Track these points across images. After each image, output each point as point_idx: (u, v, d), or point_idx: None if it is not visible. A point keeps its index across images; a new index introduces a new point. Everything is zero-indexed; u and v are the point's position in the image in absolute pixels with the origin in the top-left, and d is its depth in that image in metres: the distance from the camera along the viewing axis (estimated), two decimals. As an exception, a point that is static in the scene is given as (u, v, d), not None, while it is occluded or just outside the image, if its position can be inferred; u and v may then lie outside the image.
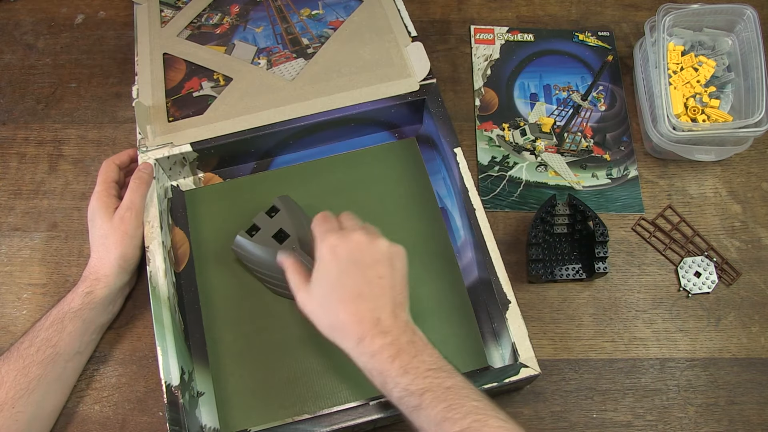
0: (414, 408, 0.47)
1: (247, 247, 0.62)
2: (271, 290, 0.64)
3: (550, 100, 0.78)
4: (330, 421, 0.54)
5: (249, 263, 0.63)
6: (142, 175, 0.64)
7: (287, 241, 0.61)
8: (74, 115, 0.78)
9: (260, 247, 0.61)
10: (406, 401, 0.47)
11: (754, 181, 0.74)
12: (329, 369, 0.61)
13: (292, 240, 0.61)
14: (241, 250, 0.63)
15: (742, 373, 0.64)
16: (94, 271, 0.60)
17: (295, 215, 0.64)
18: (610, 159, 0.75)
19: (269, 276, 0.62)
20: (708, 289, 0.68)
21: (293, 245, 0.60)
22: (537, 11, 0.85)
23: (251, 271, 0.64)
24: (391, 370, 0.48)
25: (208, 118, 0.69)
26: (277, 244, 0.61)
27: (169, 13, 0.78)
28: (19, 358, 0.56)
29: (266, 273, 0.62)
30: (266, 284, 0.64)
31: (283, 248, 0.60)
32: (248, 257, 0.63)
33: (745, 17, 0.74)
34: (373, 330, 0.50)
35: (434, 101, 0.68)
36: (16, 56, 0.82)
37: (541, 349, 0.65)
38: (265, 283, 0.64)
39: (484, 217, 0.62)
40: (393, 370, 0.48)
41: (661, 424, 0.62)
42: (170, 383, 0.55)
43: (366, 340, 0.49)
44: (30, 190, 0.73)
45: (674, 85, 0.74)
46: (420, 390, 0.47)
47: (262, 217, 0.63)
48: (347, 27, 0.75)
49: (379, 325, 0.50)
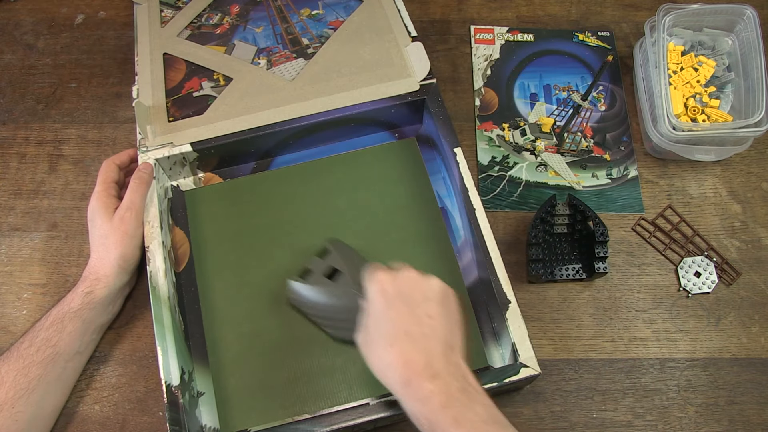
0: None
1: (301, 291, 0.60)
2: (330, 335, 0.61)
3: (550, 100, 0.78)
4: (330, 421, 0.54)
5: (304, 308, 0.61)
6: (142, 175, 0.64)
7: (341, 278, 0.59)
8: (74, 115, 0.78)
9: (314, 289, 0.60)
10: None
11: (754, 181, 0.74)
12: (329, 369, 0.61)
13: (345, 276, 0.59)
14: (295, 295, 0.61)
15: (742, 373, 0.64)
16: (94, 271, 0.60)
17: (347, 254, 0.62)
18: (610, 159, 0.75)
19: (326, 318, 0.60)
20: (708, 289, 0.68)
21: (347, 281, 0.58)
22: (537, 11, 0.85)
23: (308, 316, 0.62)
24: (443, 420, 0.45)
25: (208, 118, 0.69)
26: (330, 282, 0.59)
27: (169, 13, 0.78)
28: (19, 358, 0.56)
29: (323, 315, 0.61)
30: (324, 328, 0.61)
31: (336, 285, 0.58)
32: (302, 301, 0.61)
33: (745, 17, 0.74)
34: (422, 373, 0.46)
35: (434, 101, 0.68)
36: (16, 56, 0.82)
37: (541, 349, 0.65)
38: (323, 327, 0.61)
39: (484, 217, 0.62)
40: (444, 421, 0.45)
41: (661, 424, 0.62)
42: (170, 383, 0.55)
43: (413, 384, 0.46)
44: (30, 190, 0.73)
45: (674, 85, 0.74)
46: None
47: (314, 260, 0.61)
48: (347, 27, 0.75)
49: (429, 369, 0.46)
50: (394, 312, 0.50)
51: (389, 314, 0.50)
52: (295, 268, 0.65)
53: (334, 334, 0.61)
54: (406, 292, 0.50)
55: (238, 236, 0.67)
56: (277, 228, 0.68)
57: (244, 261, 0.66)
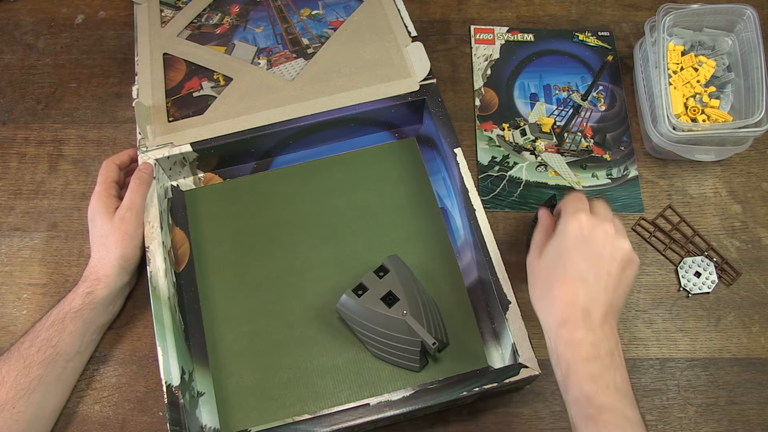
0: (587, 417, 0.46)
1: (353, 307, 0.59)
2: (373, 353, 0.61)
3: (550, 100, 0.78)
4: (330, 422, 0.54)
5: (351, 322, 0.61)
6: (142, 175, 0.64)
7: (397, 304, 0.58)
8: (74, 115, 0.78)
9: (367, 309, 0.58)
10: (582, 407, 0.46)
11: (754, 181, 0.74)
12: (329, 369, 0.61)
13: (402, 304, 0.58)
14: (347, 309, 0.60)
15: (742, 373, 0.64)
16: (95, 272, 0.60)
17: (405, 277, 0.60)
18: (610, 159, 0.75)
19: (372, 339, 0.60)
20: (708, 289, 0.68)
21: (403, 309, 0.57)
22: (537, 11, 0.85)
23: (353, 330, 0.61)
24: (582, 369, 0.46)
25: (208, 118, 0.69)
26: (385, 307, 0.58)
27: (169, 13, 0.78)
28: (20, 358, 0.56)
29: (369, 335, 0.60)
30: (368, 346, 0.61)
31: (391, 313, 0.57)
32: (351, 317, 0.60)
33: (745, 17, 0.74)
34: (579, 320, 0.48)
35: (434, 101, 0.68)
36: (16, 56, 0.82)
37: (542, 349, 0.64)
38: (367, 345, 0.61)
39: (484, 217, 0.62)
40: (583, 371, 0.46)
41: (661, 424, 0.62)
42: (170, 383, 0.55)
43: (569, 326, 0.48)
44: (30, 190, 0.73)
45: (674, 85, 0.74)
46: (600, 405, 0.45)
47: (371, 276, 0.60)
48: (347, 27, 0.75)
49: (588, 319, 0.48)
50: (579, 256, 0.50)
51: (573, 255, 0.50)
52: (296, 267, 0.65)
53: (374, 353, 0.61)
54: (597, 243, 0.50)
55: (238, 236, 0.67)
56: (277, 228, 0.68)
57: (244, 261, 0.66)
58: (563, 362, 0.48)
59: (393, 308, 0.57)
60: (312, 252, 0.66)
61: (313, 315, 0.63)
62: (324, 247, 0.66)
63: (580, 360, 0.47)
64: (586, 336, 0.47)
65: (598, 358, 0.47)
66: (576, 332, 0.48)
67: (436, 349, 0.57)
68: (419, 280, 0.62)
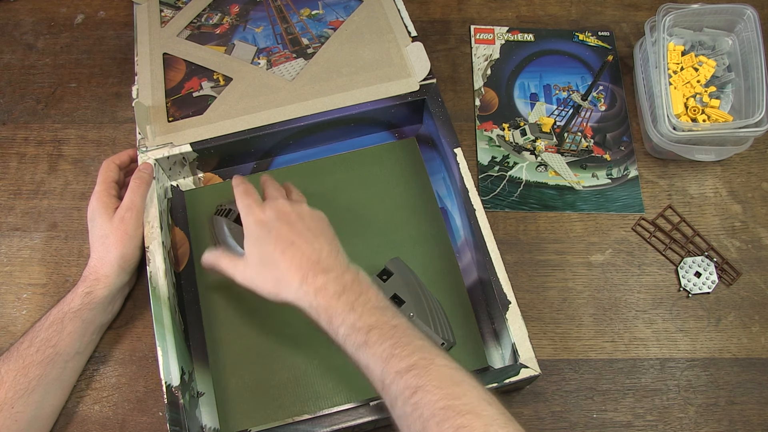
0: (360, 345, 0.47)
1: None
2: None
3: (550, 100, 0.78)
4: (330, 422, 0.54)
5: None
6: (142, 175, 0.64)
7: (402, 307, 0.58)
8: (74, 115, 0.78)
9: None
10: (353, 339, 0.48)
11: (754, 181, 0.74)
12: (329, 369, 0.61)
13: (408, 306, 0.58)
14: None
15: (742, 373, 0.64)
16: (94, 271, 0.60)
17: (409, 279, 0.60)
18: (610, 159, 0.75)
19: None
20: (708, 289, 0.67)
21: (409, 312, 0.57)
22: (537, 11, 0.85)
23: None
24: (337, 306, 0.49)
25: (208, 118, 0.69)
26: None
27: (169, 13, 0.78)
28: (19, 358, 0.56)
29: None
30: None
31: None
32: None
33: (745, 17, 0.73)
34: (314, 268, 0.51)
35: (434, 101, 0.68)
36: (16, 56, 0.82)
37: (541, 349, 0.65)
38: None
39: (484, 217, 0.62)
40: (339, 306, 0.49)
41: (661, 424, 0.62)
42: (170, 383, 0.55)
43: (308, 279, 0.50)
44: (30, 190, 0.73)
45: (674, 85, 0.74)
46: (367, 327, 0.47)
47: (375, 280, 0.60)
48: (347, 27, 0.75)
49: (320, 264, 0.51)
50: (276, 231, 0.53)
51: (271, 235, 0.53)
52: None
53: None
54: (282, 217, 0.54)
55: (238, 236, 0.67)
56: (277, 228, 0.67)
57: (244, 261, 0.66)
58: (321, 311, 0.50)
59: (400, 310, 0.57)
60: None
61: (313, 315, 0.63)
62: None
63: (333, 299, 0.49)
64: (328, 278, 0.50)
65: (346, 290, 0.49)
66: (317, 279, 0.50)
67: (445, 349, 0.57)
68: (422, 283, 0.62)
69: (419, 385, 0.43)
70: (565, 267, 0.69)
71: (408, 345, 0.46)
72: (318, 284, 0.50)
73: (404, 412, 0.44)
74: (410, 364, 0.44)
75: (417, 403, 0.43)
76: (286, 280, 0.52)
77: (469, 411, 0.42)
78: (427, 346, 0.46)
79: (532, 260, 0.69)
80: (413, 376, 0.44)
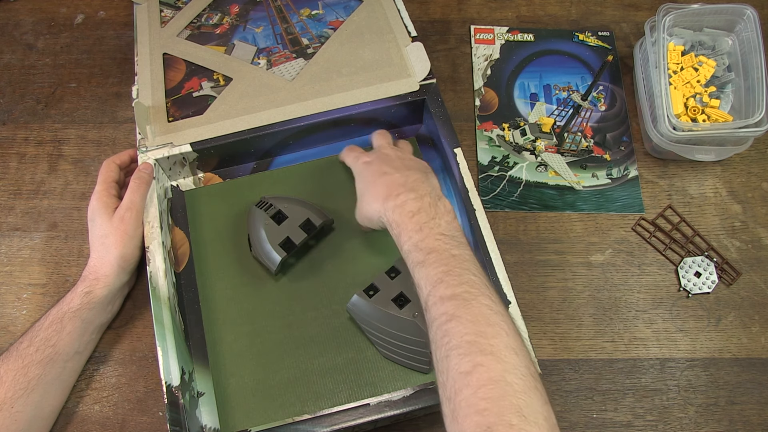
0: (418, 263, 0.49)
1: (364, 308, 0.59)
2: (382, 354, 0.60)
3: (550, 100, 0.78)
4: (330, 422, 0.54)
5: (363, 323, 0.60)
6: (142, 175, 0.64)
7: (408, 306, 0.58)
8: (74, 115, 0.78)
9: (378, 310, 0.58)
10: (413, 256, 0.50)
11: (754, 181, 0.74)
12: (329, 369, 0.61)
13: (413, 305, 0.58)
14: (357, 310, 0.60)
15: (742, 373, 0.64)
16: (94, 271, 0.60)
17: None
18: (610, 159, 0.75)
19: (382, 340, 0.59)
20: (708, 289, 0.67)
21: (414, 311, 0.57)
22: (537, 11, 0.85)
23: (363, 330, 0.61)
24: (408, 224, 0.51)
25: (208, 118, 0.69)
26: (396, 308, 0.58)
27: (169, 13, 0.78)
28: (19, 357, 0.56)
29: (380, 336, 0.59)
30: (377, 346, 0.60)
31: (402, 314, 0.57)
32: (362, 316, 0.60)
33: (745, 17, 0.74)
34: (400, 188, 0.54)
35: (434, 101, 0.68)
36: (16, 56, 0.82)
37: (541, 349, 0.65)
38: (377, 345, 0.60)
39: (484, 217, 0.62)
40: (409, 225, 0.51)
41: (661, 424, 0.62)
42: (170, 383, 0.55)
43: (392, 197, 0.54)
44: (30, 190, 0.73)
45: (674, 85, 0.74)
46: (427, 249, 0.49)
47: (382, 278, 0.60)
48: (347, 27, 0.75)
49: (407, 185, 0.55)
50: (374, 166, 0.59)
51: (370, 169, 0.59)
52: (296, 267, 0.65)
53: (384, 353, 0.60)
54: (385, 159, 0.59)
55: (238, 236, 0.67)
56: (277, 228, 0.67)
57: (244, 261, 0.66)
58: (394, 225, 0.53)
59: (404, 310, 0.57)
60: (312, 252, 0.66)
61: (313, 315, 0.63)
62: (324, 248, 0.66)
63: (407, 217, 0.52)
64: (409, 196, 0.53)
65: (421, 211, 0.52)
66: (399, 198, 0.54)
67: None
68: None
69: (456, 314, 0.44)
70: (565, 267, 0.69)
71: (459, 276, 0.47)
72: (398, 201, 0.53)
73: (436, 335, 0.45)
74: (454, 293, 0.45)
75: (448, 331, 0.44)
76: (373, 200, 0.56)
77: (493, 353, 0.42)
78: (477, 282, 0.47)
79: (532, 260, 0.69)
80: (453, 305, 0.45)
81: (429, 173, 0.58)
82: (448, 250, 0.49)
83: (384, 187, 0.55)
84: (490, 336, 0.43)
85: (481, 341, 0.42)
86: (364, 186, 0.59)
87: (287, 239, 0.62)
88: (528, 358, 0.43)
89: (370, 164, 0.60)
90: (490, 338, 0.43)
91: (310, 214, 0.64)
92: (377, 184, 0.56)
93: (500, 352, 0.42)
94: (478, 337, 0.43)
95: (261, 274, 0.65)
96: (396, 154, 0.60)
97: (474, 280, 0.47)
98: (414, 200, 0.53)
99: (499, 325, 0.44)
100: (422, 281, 0.48)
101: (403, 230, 0.52)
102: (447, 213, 0.53)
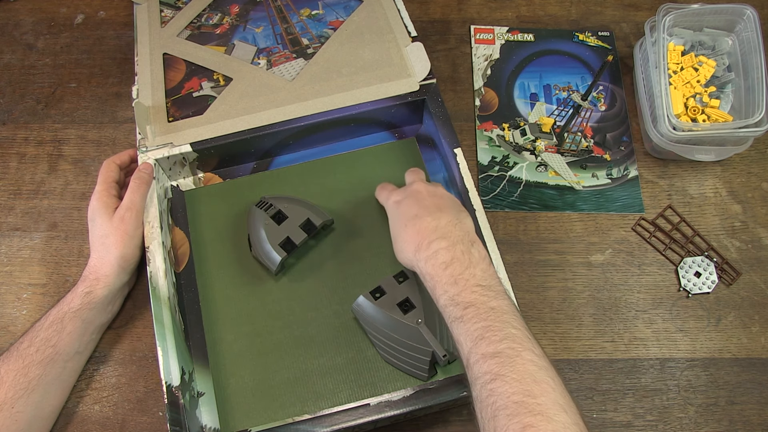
0: (456, 319, 0.48)
1: (369, 309, 0.59)
2: (382, 356, 0.60)
3: (550, 100, 0.78)
4: (330, 422, 0.54)
5: (366, 325, 0.60)
6: (142, 175, 0.64)
7: (412, 312, 0.57)
8: (74, 115, 0.78)
9: (383, 313, 0.58)
10: (450, 311, 0.48)
11: (754, 181, 0.74)
12: (329, 369, 0.61)
13: (418, 312, 0.57)
14: (362, 310, 0.59)
15: (742, 373, 0.64)
16: (94, 271, 0.60)
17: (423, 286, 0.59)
18: (610, 159, 0.75)
19: (384, 343, 0.59)
20: (708, 289, 0.68)
21: (418, 318, 0.57)
22: (537, 11, 0.85)
23: (366, 331, 0.61)
24: (442, 277, 0.50)
25: (208, 118, 0.69)
26: (401, 313, 0.57)
27: (169, 13, 0.78)
28: (19, 358, 0.56)
29: (382, 339, 0.59)
30: (378, 349, 0.60)
31: (406, 320, 0.57)
32: (366, 318, 0.59)
33: (745, 17, 0.74)
34: (429, 236, 0.52)
35: (434, 101, 0.68)
36: (16, 56, 0.82)
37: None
38: (378, 348, 0.60)
39: (484, 218, 0.62)
40: (444, 277, 0.50)
41: (661, 424, 0.62)
42: (171, 383, 0.55)
43: (423, 247, 0.52)
44: (30, 190, 0.73)
45: (674, 85, 0.74)
46: (465, 303, 0.48)
47: (389, 280, 0.60)
48: (347, 27, 0.75)
49: (438, 231, 0.52)
50: (405, 207, 0.57)
51: (400, 210, 0.57)
52: (296, 268, 0.65)
53: (384, 357, 0.60)
54: (412, 194, 0.58)
55: (238, 236, 0.67)
56: (277, 228, 0.68)
57: (244, 261, 0.66)
58: (428, 278, 0.51)
59: (408, 315, 0.57)
60: (312, 252, 0.66)
61: (313, 315, 0.63)
62: (324, 248, 0.66)
63: (440, 269, 0.50)
64: (440, 245, 0.51)
65: (455, 261, 0.50)
66: (431, 246, 0.52)
67: (446, 361, 0.56)
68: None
69: (500, 373, 0.43)
70: (565, 267, 0.69)
71: (500, 331, 0.46)
72: (429, 252, 0.51)
73: (480, 395, 0.44)
74: (497, 351, 0.44)
75: (493, 390, 0.43)
76: (405, 248, 0.54)
77: (541, 413, 0.41)
78: (519, 336, 0.46)
79: (532, 260, 0.69)
80: (496, 363, 0.44)
81: (461, 212, 0.56)
82: (486, 303, 0.47)
83: (415, 235, 0.53)
84: (538, 394, 0.42)
85: (528, 401, 0.42)
86: (395, 230, 0.57)
87: (287, 239, 0.62)
88: (577, 414, 0.42)
89: (401, 204, 0.58)
90: (537, 397, 0.42)
91: (310, 214, 0.64)
92: (408, 230, 0.54)
93: (549, 411, 0.41)
94: (526, 397, 0.42)
95: (261, 274, 0.65)
96: (428, 190, 0.58)
97: (515, 333, 0.46)
98: (446, 249, 0.51)
99: (546, 381, 0.43)
100: (462, 338, 0.47)
101: (438, 283, 0.50)
102: (482, 260, 0.51)
